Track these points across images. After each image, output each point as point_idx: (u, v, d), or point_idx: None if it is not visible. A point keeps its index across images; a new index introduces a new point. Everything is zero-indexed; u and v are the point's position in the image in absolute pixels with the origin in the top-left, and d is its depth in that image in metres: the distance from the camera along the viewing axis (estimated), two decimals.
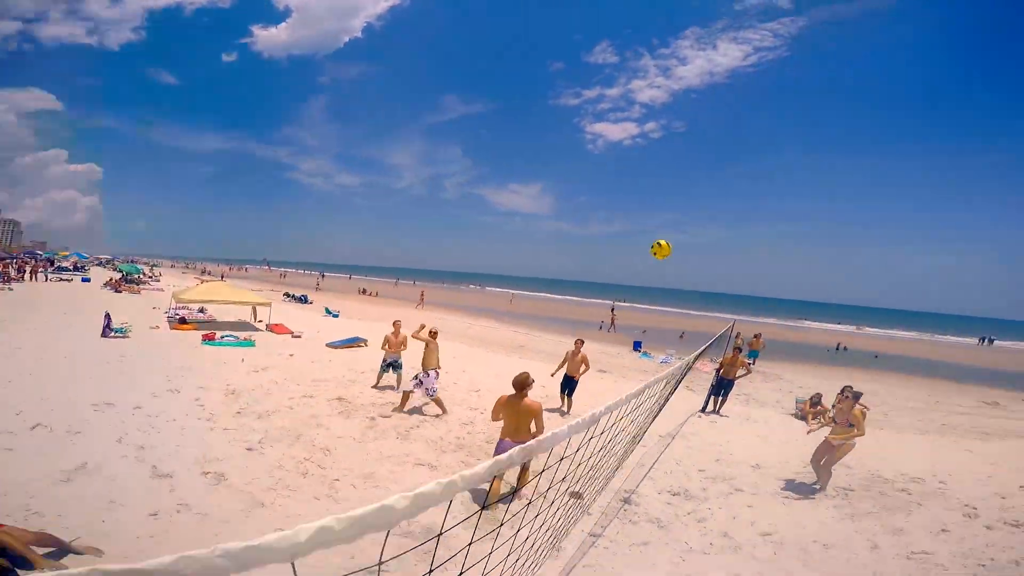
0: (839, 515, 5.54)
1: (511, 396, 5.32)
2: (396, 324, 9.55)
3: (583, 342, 9.49)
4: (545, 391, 9.73)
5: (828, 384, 13.75)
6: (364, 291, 46.92)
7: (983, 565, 4.55)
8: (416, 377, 8.23)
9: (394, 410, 8.05)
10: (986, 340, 45.87)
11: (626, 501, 5.48)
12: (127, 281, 29.43)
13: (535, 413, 5.20)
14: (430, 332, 8.62)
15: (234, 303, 16.57)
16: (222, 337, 13.48)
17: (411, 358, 9.83)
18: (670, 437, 7.93)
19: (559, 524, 4.03)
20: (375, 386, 9.44)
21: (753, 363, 17.42)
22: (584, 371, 9.11)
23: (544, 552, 3.85)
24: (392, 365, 9.39)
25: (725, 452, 7.42)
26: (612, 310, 33.35)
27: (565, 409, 9.08)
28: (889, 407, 12.11)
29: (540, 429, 5.12)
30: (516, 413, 5.27)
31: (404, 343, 9.43)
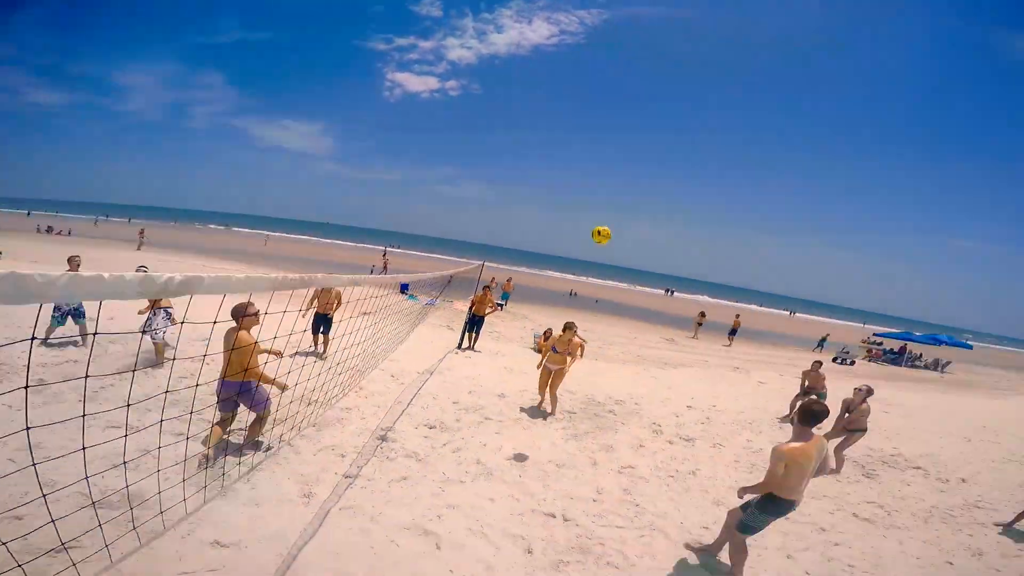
0: (566, 436, 6.46)
1: (229, 329, 4.42)
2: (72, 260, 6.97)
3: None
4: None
5: (560, 322, 16.24)
6: (50, 229, 35.81)
7: (672, 476, 5.64)
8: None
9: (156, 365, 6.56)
10: (670, 292, 60.80)
11: (383, 439, 5.46)
12: None
13: (248, 347, 4.20)
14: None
15: None
16: None
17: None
18: (428, 373, 8.22)
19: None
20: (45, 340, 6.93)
21: (505, 304, 19.57)
22: (337, 307, 8.49)
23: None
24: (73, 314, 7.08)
25: (476, 384, 8.02)
26: (384, 255, 32.71)
27: (321, 350, 8.38)
28: (603, 341, 15.06)
29: (256, 370, 4.37)
30: (230, 349, 4.26)
31: None
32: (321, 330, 8.38)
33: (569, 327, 7.22)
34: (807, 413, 3.57)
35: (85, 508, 3.28)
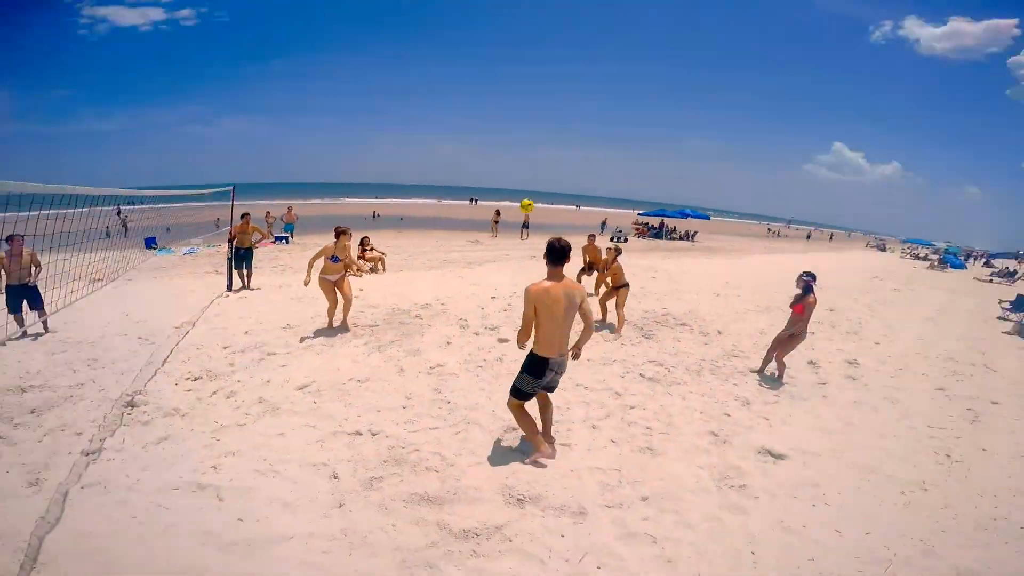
0: (368, 350, 6.03)
1: None
2: None
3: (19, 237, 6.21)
4: None
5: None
6: None
7: (480, 367, 5.60)
8: None
9: None
10: (473, 200, 63.02)
11: (130, 404, 4.42)
12: None
13: None
14: None
15: None
16: None
17: None
18: (189, 325, 6.86)
19: None
20: None
21: (292, 236, 17.79)
22: (38, 273, 6.38)
23: None
24: None
25: (255, 323, 7.00)
26: (119, 213, 26.25)
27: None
28: (409, 254, 14.74)
29: None
30: None
31: None
32: (29, 306, 6.34)
33: (344, 233, 6.61)
34: (550, 250, 3.53)
35: None
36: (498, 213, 24.98)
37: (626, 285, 7.37)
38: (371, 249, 11.95)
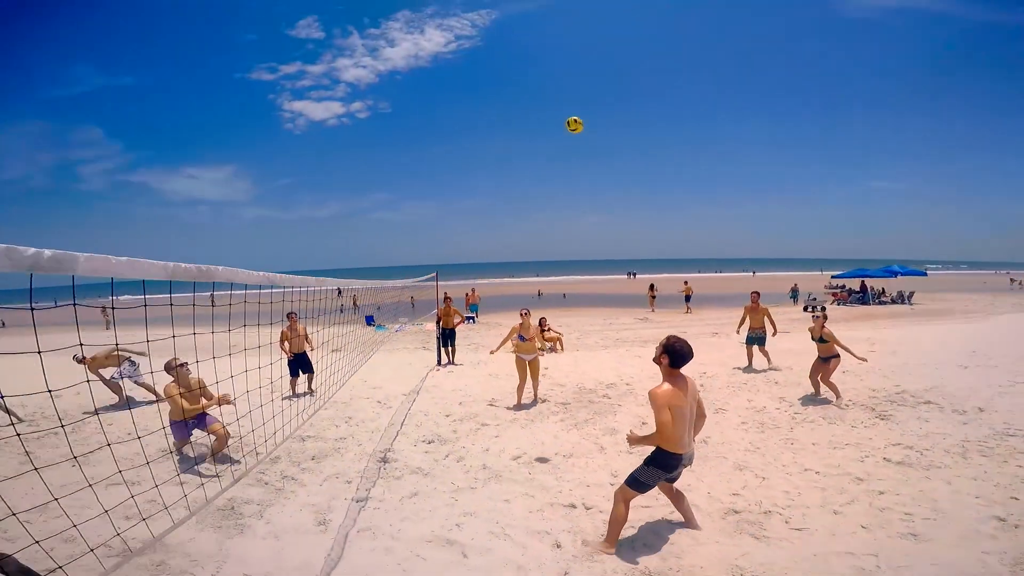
0: (566, 426, 6.35)
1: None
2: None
3: (295, 316, 8.32)
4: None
5: (533, 321, 16.28)
6: None
7: None
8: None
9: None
10: (632, 275, 62.23)
11: (384, 460, 5.28)
12: None
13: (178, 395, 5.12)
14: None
15: None
16: None
17: None
18: (414, 393, 8.03)
19: None
20: None
21: (476, 316, 19.40)
22: (309, 343, 8.21)
23: None
24: None
25: (465, 395, 7.88)
26: (340, 293, 31.87)
27: (303, 389, 8.16)
28: (580, 332, 15.17)
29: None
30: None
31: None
32: (300, 371, 8.09)
33: (527, 313, 7.43)
34: (675, 354, 3.46)
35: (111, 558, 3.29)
36: (653, 288, 24.64)
37: (837, 356, 6.77)
38: (548, 329, 12.42)
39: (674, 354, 3.49)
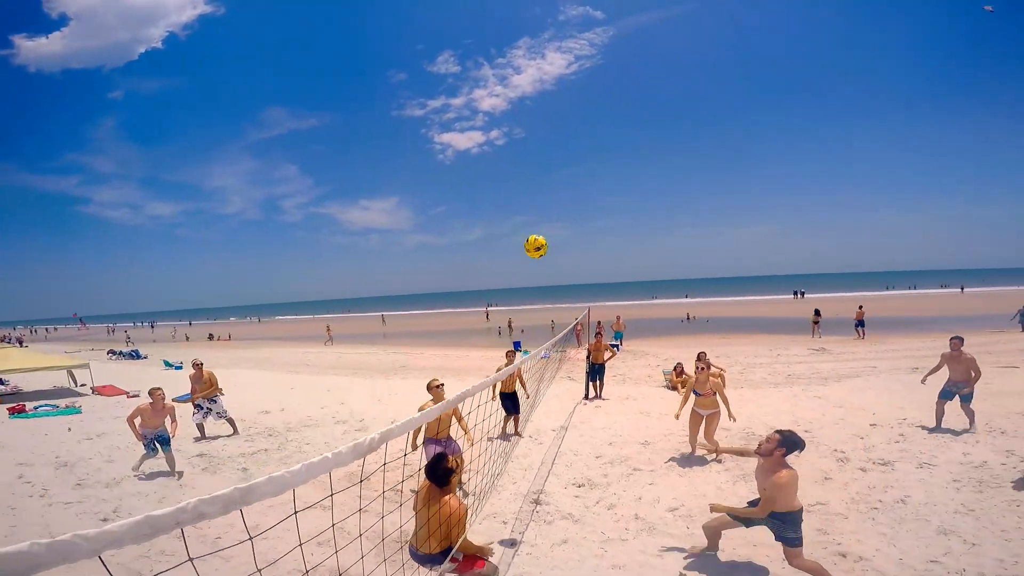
0: (732, 478, 5.82)
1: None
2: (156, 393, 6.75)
3: (513, 353, 8.71)
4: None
5: (685, 352, 15.19)
6: (212, 336, 41.72)
7: (876, 508, 4.88)
8: (201, 408, 8.40)
9: (197, 440, 8.13)
10: (799, 294, 52.31)
11: (536, 502, 5.38)
12: None
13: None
14: None
15: (34, 370, 13.72)
16: (35, 408, 11.24)
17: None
18: (563, 430, 8.04)
19: None
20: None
21: (620, 344, 18.81)
22: (522, 385, 8.13)
23: None
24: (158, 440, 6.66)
25: (615, 434, 7.66)
26: (487, 314, 33.73)
27: (511, 431, 8.00)
28: (742, 365, 13.49)
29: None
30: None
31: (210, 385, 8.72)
32: (508, 409, 7.96)
33: (701, 358, 6.77)
34: (792, 444, 3.70)
35: None
36: (818, 314, 21.63)
37: None
38: (708, 365, 11.05)
39: (794, 445, 3.73)
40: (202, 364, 8.80)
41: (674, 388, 10.78)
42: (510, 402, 7.91)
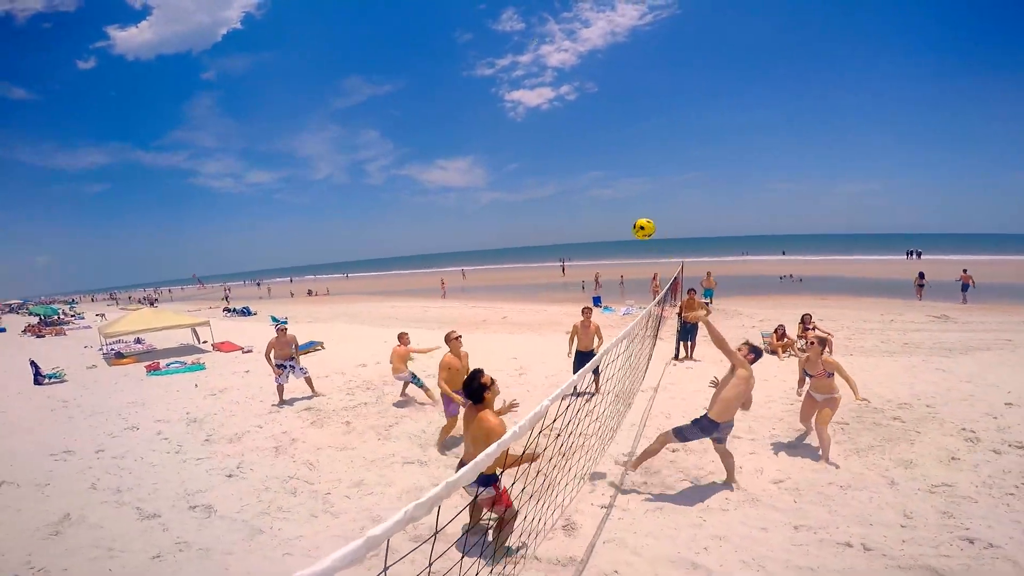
0: (844, 452, 5.43)
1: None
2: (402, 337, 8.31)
3: (591, 310, 8.20)
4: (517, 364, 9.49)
5: (785, 313, 14.22)
6: (311, 292, 45.06)
7: (1011, 494, 4.41)
8: (284, 368, 8.52)
9: (277, 404, 8.41)
10: (913, 254, 43.86)
11: (627, 466, 5.35)
12: (46, 324, 26.81)
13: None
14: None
15: (165, 328, 15.48)
16: (168, 365, 12.69)
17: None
18: (652, 391, 7.87)
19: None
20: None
21: (710, 301, 17.89)
22: (599, 344, 7.72)
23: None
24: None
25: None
26: (563, 267, 33.23)
27: (592, 389, 7.35)
28: (850, 331, 12.31)
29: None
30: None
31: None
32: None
33: (805, 322, 6.21)
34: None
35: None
36: (922, 276, 19.28)
37: None
38: (813, 328, 10.07)
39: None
40: (286, 328, 8.99)
41: (773, 352, 10.12)
42: (584, 361, 7.53)
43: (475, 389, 3.73)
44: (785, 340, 10.15)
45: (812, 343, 5.64)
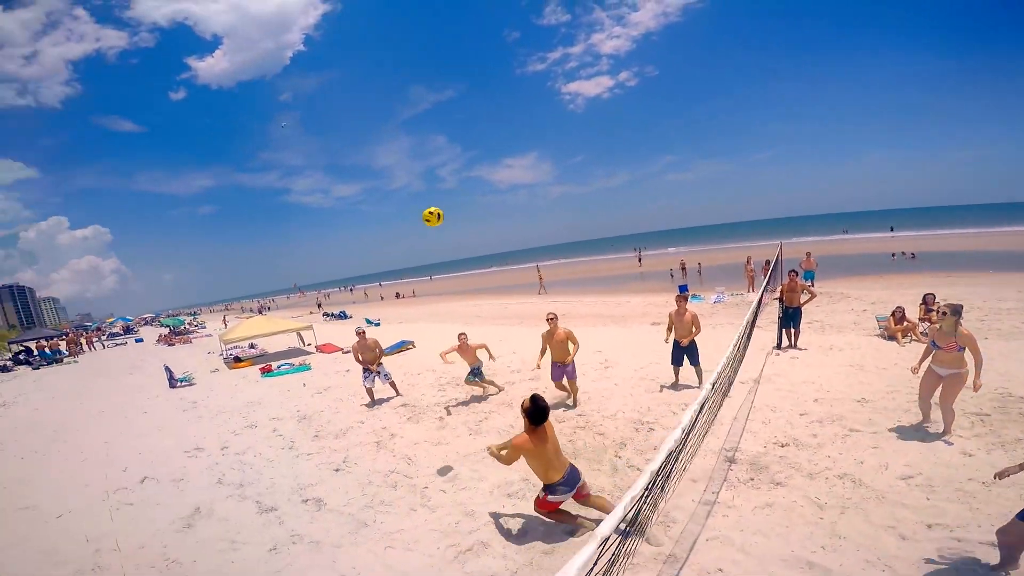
0: (985, 445, 4.81)
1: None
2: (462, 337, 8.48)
3: (686, 298, 7.84)
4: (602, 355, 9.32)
5: (901, 294, 12.86)
6: (399, 295, 47.27)
7: None
8: (369, 373, 8.70)
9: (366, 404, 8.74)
10: None
11: (731, 460, 5.06)
12: (175, 334, 30.41)
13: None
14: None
15: (275, 333, 16.90)
16: (279, 367, 13.90)
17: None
18: (754, 383, 7.36)
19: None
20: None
21: (812, 284, 16.36)
22: (696, 333, 7.43)
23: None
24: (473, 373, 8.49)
25: (821, 390, 6.80)
26: (639, 257, 32.22)
27: (697, 383, 7.42)
28: (982, 311, 10.71)
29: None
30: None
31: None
32: (690, 361, 7.58)
33: (927, 302, 5.54)
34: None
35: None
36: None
37: None
38: (936, 309, 8.70)
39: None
40: (364, 332, 9.17)
41: (892, 338, 9.13)
42: (687, 354, 7.46)
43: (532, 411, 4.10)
44: (905, 323, 9.10)
45: (944, 313, 4.99)
